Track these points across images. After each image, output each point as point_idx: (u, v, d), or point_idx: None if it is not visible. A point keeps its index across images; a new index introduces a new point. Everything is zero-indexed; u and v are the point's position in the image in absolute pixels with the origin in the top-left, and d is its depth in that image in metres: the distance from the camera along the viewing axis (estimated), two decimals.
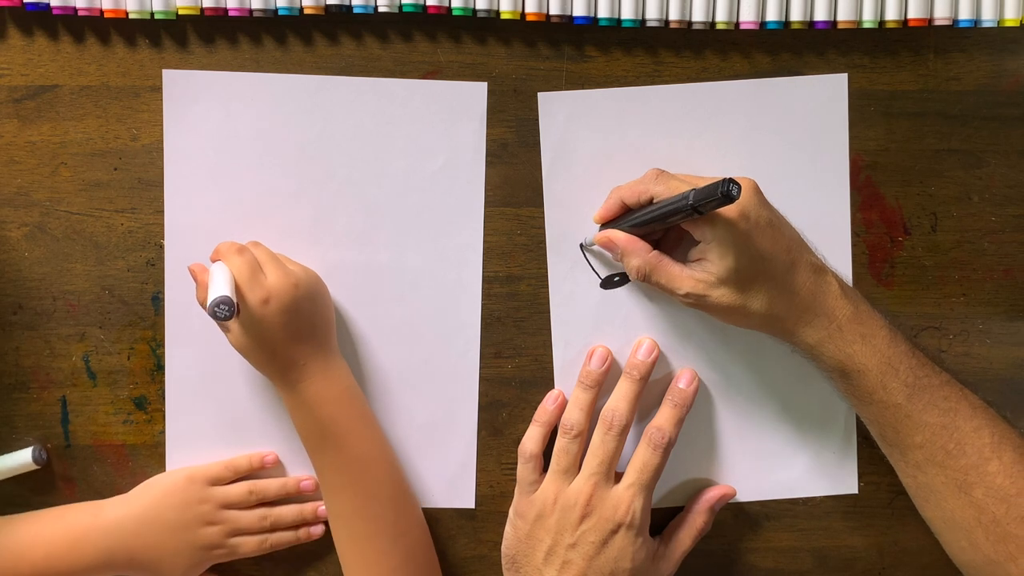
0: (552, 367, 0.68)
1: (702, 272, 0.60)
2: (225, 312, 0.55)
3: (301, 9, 0.64)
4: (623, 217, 0.64)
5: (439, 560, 0.67)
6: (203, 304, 0.61)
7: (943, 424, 0.60)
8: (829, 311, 0.61)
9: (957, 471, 0.60)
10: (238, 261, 0.60)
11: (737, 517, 0.70)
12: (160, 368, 0.67)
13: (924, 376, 0.61)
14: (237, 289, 0.59)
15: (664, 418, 0.65)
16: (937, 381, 0.61)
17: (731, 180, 0.54)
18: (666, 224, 0.60)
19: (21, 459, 0.66)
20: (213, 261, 0.62)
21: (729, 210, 0.58)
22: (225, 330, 0.62)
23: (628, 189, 0.63)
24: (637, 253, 0.62)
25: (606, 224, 0.65)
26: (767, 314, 0.60)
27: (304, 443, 0.64)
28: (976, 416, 0.61)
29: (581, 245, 0.67)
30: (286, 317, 0.60)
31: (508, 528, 0.67)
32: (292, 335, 0.61)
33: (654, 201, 0.61)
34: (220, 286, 0.57)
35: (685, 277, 0.61)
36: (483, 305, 0.67)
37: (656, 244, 0.63)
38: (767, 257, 0.59)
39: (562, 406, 0.67)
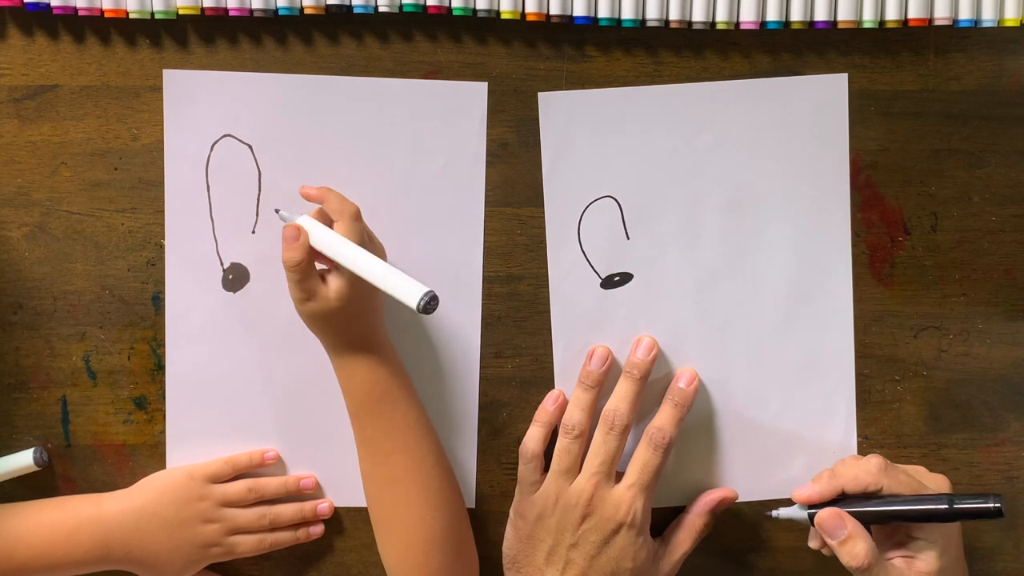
0: (552, 367, 0.68)
1: (910, 571, 0.60)
2: (435, 305, 0.57)
3: (301, 9, 0.64)
4: (843, 502, 0.62)
5: None
6: (290, 263, 0.59)
7: None
8: None
9: None
10: (356, 228, 0.61)
11: (737, 517, 0.70)
12: (160, 368, 0.67)
13: None
14: None
15: (664, 418, 0.65)
16: None
17: (1001, 496, 0.58)
18: (903, 522, 0.61)
19: (22, 461, 0.66)
20: (310, 197, 0.62)
21: None
22: (310, 297, 0.60)
23: (850, 480, 0.62)
24: (866, 539, 0.60)
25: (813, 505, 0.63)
26: None
27: (357, 409, 0.63)
28: None
29: (768, 515, 0.65)
30: None
31: (509, 528, 0.67)
32: (380, 302, 0.62)
33: (882, 493, 0.61)
34: (404, 280, 0.57)
35: (901, 574, 0.60)
36: (483, 305, 0.67)
37: None
38: (958, 558, 0.62)
39: (562, 406, 0.67)
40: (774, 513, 0.65)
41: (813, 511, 0.62)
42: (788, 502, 0.64)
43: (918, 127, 0.67)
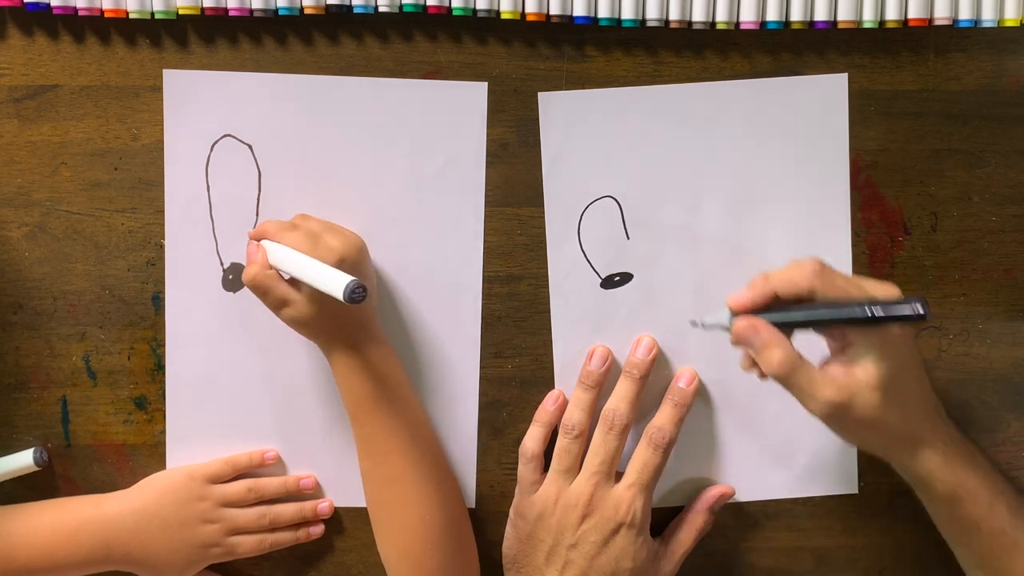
0: (552, 367, 0.68)
1: (847, 378, 0.55)
2: (361, 294, 0.55)
3: (301, 9, 0.64)
4: (769, 309, 0.58)
5: None
6: (246, 278, 0.60)
7: None
8: (942, 433, 0.59)
9: None
10: (294, 237, 0.60)
11: (737, 517, 0.70)
12: (160, 368, 0.67)
13: (1016, 499, 0.59)
14: None
15: (664, 418, 0.65)
16: None
17: (924, 300, 0.53)
18: (827, 328, 0.57)
19: (22, 461, 0.66)
20: (255, 239, 0.62)
21: None
22: (284, 304, 0.60)
23: (784, 281, 0.57)
24: (783, 346, 0.56)
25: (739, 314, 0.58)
26: (899, 431, 0.57)
27: (354, 408, 0.63)
28: None
29: (693, 322, 0.62)
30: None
31: (509, 528, 0.67)
32: (369, 298, 0.60)
33: (814, 297, 0.56)
34: (325, 270, 0.57)
35: (828, 382, 0.55)
36: (483, 305, 0.67)
37: None
38: (908, 367, 0.57)
39: (562, 406, 0.67)
40: (697, 320, 0.61)
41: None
42: (788, 502, 0.64)
43: (918, 127, 0.67)
